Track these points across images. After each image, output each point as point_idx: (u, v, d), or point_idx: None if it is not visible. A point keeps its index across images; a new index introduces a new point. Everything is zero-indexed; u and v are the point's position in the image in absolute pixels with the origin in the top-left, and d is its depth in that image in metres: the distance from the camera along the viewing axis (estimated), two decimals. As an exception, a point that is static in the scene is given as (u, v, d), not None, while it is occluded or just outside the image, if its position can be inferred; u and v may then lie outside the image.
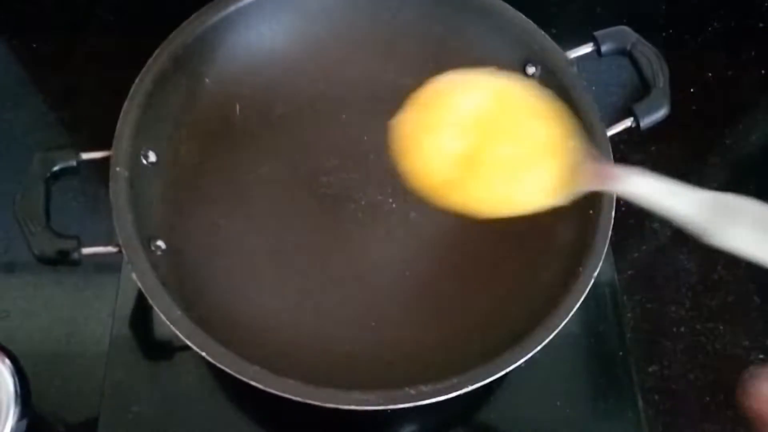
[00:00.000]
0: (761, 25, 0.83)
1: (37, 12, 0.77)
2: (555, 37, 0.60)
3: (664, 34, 0.82)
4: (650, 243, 0.70)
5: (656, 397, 0.61)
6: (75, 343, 0.60)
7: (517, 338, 0.49)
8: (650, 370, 0.62)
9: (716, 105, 0.78)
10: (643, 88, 0.58)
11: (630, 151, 0.74)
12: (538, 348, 0.48)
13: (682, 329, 0.64)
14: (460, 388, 0.47)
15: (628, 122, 0.56)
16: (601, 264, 0.51)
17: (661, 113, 0.56)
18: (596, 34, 0.58)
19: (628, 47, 0.57)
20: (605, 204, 0.53)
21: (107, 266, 0.62)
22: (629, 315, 0.64)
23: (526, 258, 0.56)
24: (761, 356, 0.64)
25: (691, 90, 0.78)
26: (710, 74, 0.79)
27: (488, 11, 0.61)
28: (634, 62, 0.57)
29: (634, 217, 0.70)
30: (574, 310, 0.49)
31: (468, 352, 0.52)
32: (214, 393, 0.57)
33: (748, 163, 0.75)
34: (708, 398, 0.62)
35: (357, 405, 0.46)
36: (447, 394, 0.47)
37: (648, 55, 0.56)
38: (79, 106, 0.72)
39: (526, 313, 0.51)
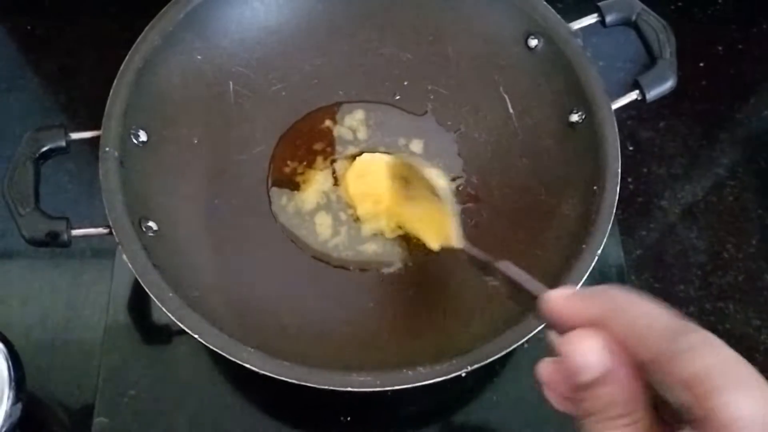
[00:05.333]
0: (774, -4, 0.81)
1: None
2: (560, 11, 0.59)
3: (672, 6, 0.80)
4: (658, 222, 0.68)
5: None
6: (73, 328, 0.60)
7: (517, 318, 0.48)
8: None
9: (727, 79, 0.76)
10: (649, 60, 0.56)
11: (638, 127, 0.73)
12: (539, 329, 0.47)
13: (691, 309, 0.64)
14: (458, 369, 0.46)
15: (633, 95, 0.55)
16: (605, 241, 0.49)
17: (668, 85, 0.55)
18: (600, 4, 0.56)
19: (633, 17, 0.56)
20: (609, 179, 0.51)
21: (105, 250, 0.62)
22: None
23: (530, 237, 0.55)
24: (772, 335, 0.63)
25: (701, 64, 0.76)
26: (720, 48, 0.78)
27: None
28: (640, 33, 0.55)
29: (642, 196, 0.69)
30: (577, 288, 0.48)
31: (468, 333, 0.51)
32: (212, 377, 0.57)
33: (760, 138, 0.73)
34: (718, 379, 0.60)
35: (354, 387, 0.45)
36: (445, 375, 0.46)
37: (654, 25, 0.55)
38: (76, 88, 0.72)
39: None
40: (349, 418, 0.55)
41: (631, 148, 0.71)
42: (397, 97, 0.64)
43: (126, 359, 0.57)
